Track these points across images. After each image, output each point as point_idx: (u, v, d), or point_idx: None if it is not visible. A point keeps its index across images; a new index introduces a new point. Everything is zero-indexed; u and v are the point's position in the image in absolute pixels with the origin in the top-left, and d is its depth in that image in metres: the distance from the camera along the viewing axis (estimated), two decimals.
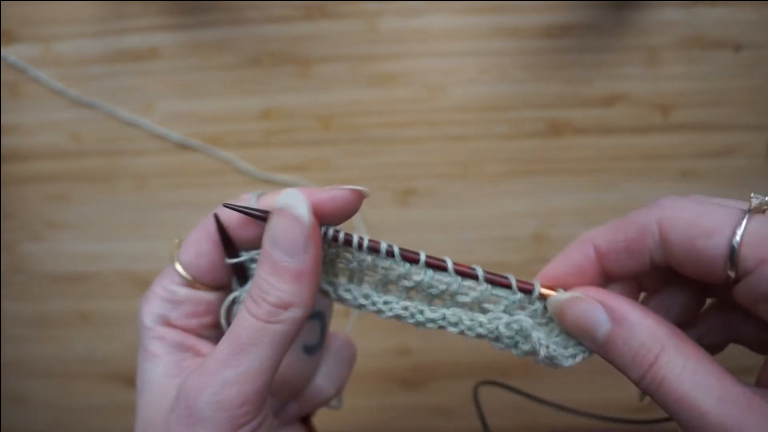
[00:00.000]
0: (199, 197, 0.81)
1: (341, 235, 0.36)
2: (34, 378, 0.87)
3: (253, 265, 0.38)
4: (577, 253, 0.36)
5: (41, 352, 0.86)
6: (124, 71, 0.79)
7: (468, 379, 0.83)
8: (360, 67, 0.77)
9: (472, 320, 0.37)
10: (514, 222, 0.78)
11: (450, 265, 0.35)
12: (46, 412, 0.87)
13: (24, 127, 0.81)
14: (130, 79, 0.79)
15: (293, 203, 0.34)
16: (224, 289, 0.41)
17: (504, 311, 0.36)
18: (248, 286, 0.38)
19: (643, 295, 0.40)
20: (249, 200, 0.37)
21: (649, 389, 0.31)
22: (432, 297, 0.37)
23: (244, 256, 0.38)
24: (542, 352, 0.35)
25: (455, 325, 0.37)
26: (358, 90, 0.77)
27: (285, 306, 0.33)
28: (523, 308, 0.36)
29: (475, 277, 0.36)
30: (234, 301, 0.39)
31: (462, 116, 0.77)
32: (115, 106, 0.80)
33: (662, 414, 0.32)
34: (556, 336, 0.36)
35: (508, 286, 0.36)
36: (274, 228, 0.34)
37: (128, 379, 0.84)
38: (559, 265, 0.37)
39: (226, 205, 0.36)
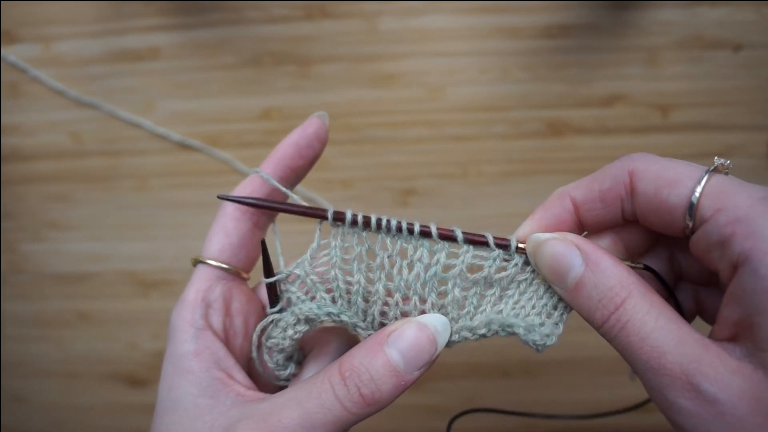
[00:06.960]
0: (199, 197, 0.81)
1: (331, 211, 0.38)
2: (34, 378, 0.87)
3: (293, 288, 0.39)
4: (556, 205, 0.38)
5: (41, 352, 0.86)
6: (124, 71, 0.79)
7: (468, 379, 0.84)
8: (360, 67, 0.77)
9: (471, 330, 0.37)
10: (514, 222, 0.77)
11: (434, 230, 0.38)
12: (46, 412, 0.87)
13: (24, 127, 0.82)
14: (130, 79, 0.79)
15: (442, 331, 0.36)
16: (253, 267, 0.42)
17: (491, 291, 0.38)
18: (288, 313, 0.39)
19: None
20: (255, 179, 0.42)
21: (611, 332, 0.32)
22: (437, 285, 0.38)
23: (280, 275, 0.39)
24: (537, 339, 0.36)
25: (459, 333, 0.38)
26: (358, 90, 0.77)
27: (372, 404, 0.33)
28: (504, 269, 0.38)
29: (454, 239, 0.37)
30: (272, 322, 0.40)
31: (462, 116, 0.77)
32: (115, 106, 0.80)
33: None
34: (540, 297, 0.37)
35: (486, 244, 0.37)
36: (408, 337, 0.35)
37: (128, 379, 0.84)
38: (539, 217, 0.38)
39: (220, 197, 0.39)
